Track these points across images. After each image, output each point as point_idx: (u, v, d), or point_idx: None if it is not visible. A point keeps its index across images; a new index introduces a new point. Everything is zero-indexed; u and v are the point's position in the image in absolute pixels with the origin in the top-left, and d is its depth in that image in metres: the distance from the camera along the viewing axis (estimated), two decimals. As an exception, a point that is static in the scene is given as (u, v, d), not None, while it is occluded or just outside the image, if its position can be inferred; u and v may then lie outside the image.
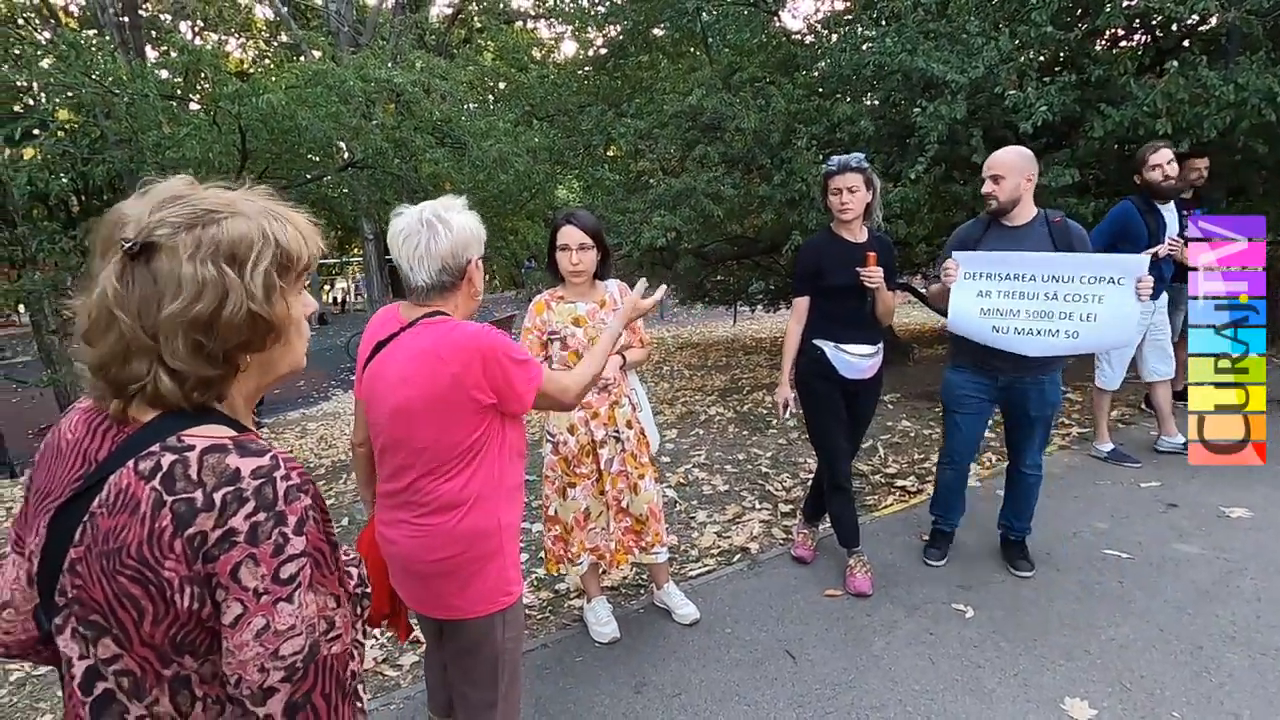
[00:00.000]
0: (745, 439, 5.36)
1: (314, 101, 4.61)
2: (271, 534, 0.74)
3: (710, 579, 3.17)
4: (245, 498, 0.74)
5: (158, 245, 0.75)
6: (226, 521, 0.73)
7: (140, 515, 0.73)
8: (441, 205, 1.55)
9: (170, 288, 0.75)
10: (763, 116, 5.38)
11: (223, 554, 0.73)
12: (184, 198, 0.78)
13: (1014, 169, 2.72)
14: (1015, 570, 3.00)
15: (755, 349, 10.66)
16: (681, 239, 6.32)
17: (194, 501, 0.73)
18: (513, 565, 1.59)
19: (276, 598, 0.74)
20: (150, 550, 0.73)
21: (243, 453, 0.76)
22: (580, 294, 2.54)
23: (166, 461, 0.75)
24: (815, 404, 2.95)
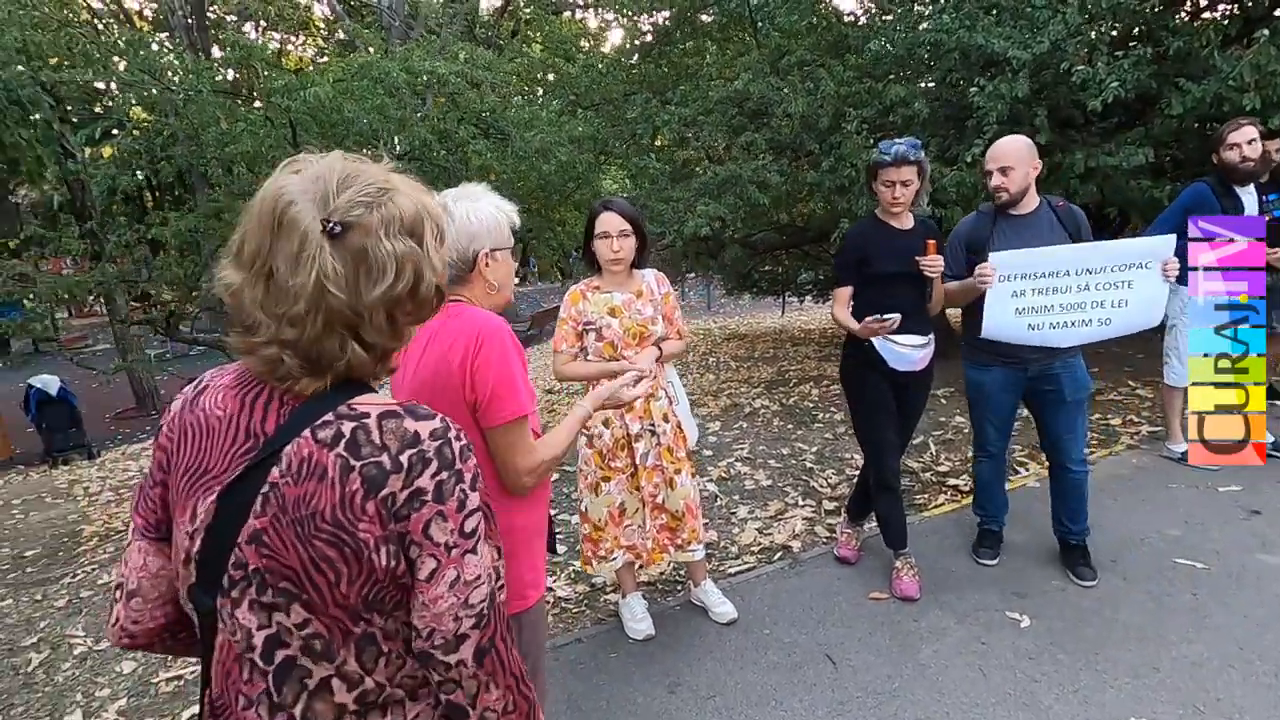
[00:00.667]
0: (790, 433, 5.23)
1: (360, 94, 4.69)
2: (454, 491, 0.80)
3: (750, 577, 3.09)
4: (428, 458, 0.79)
5: (354, 224, 0.77)
6: (414, 482, 0.78)
7: (329, 481, 0.77)
8: (455, 194, 1.51)
9: (375, 266, 0.78)
10: (811, 100, 5.20)
11: (414, 512, 0.78)
12: (359, 175, 0.80)
13: (1022, 158, 2.64)
14: (1077, 578, 2.83)
15: (804, 340, 10.42)
16: (727, 228, 6.19)
17: (382, 464, 0.77)
18: (529, 568, 1.53)
19: (464, 550, 0.80)
20: (344, 513, 0.76)
21: (415, 416, 0.81)
22: (617, 283, 2.48)
23: (348, 429, 0.78)
24: (862, 397, 2.83)
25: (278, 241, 0.77)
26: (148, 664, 2.91)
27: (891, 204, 2.66)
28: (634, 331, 2.44)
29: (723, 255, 7.08)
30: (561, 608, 3.01)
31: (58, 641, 3.23)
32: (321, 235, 0.76)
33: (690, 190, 5.80)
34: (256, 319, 0.79)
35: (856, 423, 2.92)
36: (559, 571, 3.30)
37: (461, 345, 1.38)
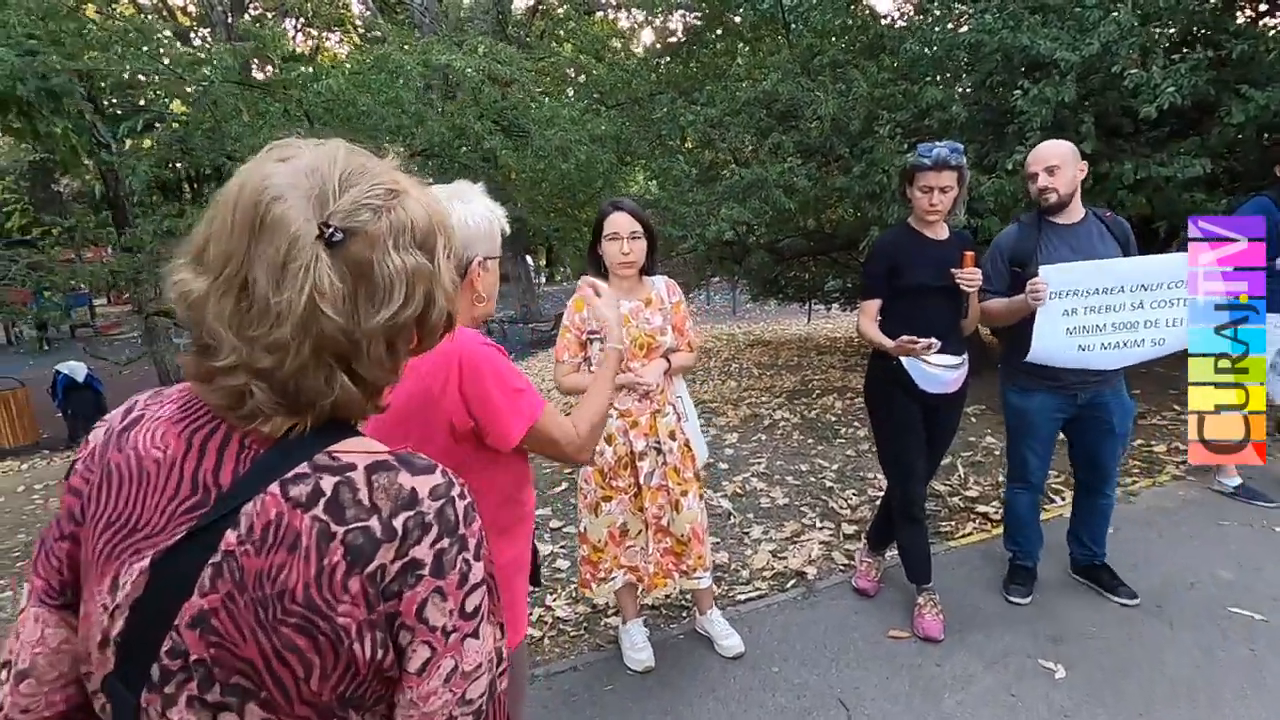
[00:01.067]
0: (810, 448, 5.02)
1: (376, 87, 4.60)
2: (456, 562, 0.66)
3: (760, 606, 2.90)
4: (428, 523, 0.65)
5: (358, 232, 0.63)
6: (408, 552, 0.64)
7: (302, 551, 0.62)
8: (448, 191, 1.35)
9: (381, 285, 0.64)
10: (842, 102, 4.99)
11: (407, 590, 0.64)
12: (365, 171, 0.66)
13: (1068, 159, 2.47)
14: (1117, 597, 2.71)
15: (829, 349, 10.16)
16: (752, 233, 6.00)
17: (371, 531, 0.63)
18: (508, 610, 1.38)
19: (465, 634, 0.66)
20: (320, 593, 0.62)
21: (412, 469, 0.67)
22: (625, 290, 2.32)
23: (329, 485, 0.64)
24: (888, 418, 2.63)
25: (258, 245, 0.62)
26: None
27: (928, 211, 2.46)
28: (641, 342, 2.28)
29: (747, 260, 6.88)
30: (559, 629, 2.86)
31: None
32: (317, 242, 0.61)
33: (714, 193, 5.62)
34: (221, 339, 0.63)
35: (881, 445, 2.73)
36: (559, 589, 3.15)
37: (441, 372, 1.24)
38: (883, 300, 2.58)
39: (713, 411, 6.51)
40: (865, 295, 2.65)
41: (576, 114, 6.34)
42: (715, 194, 5.62)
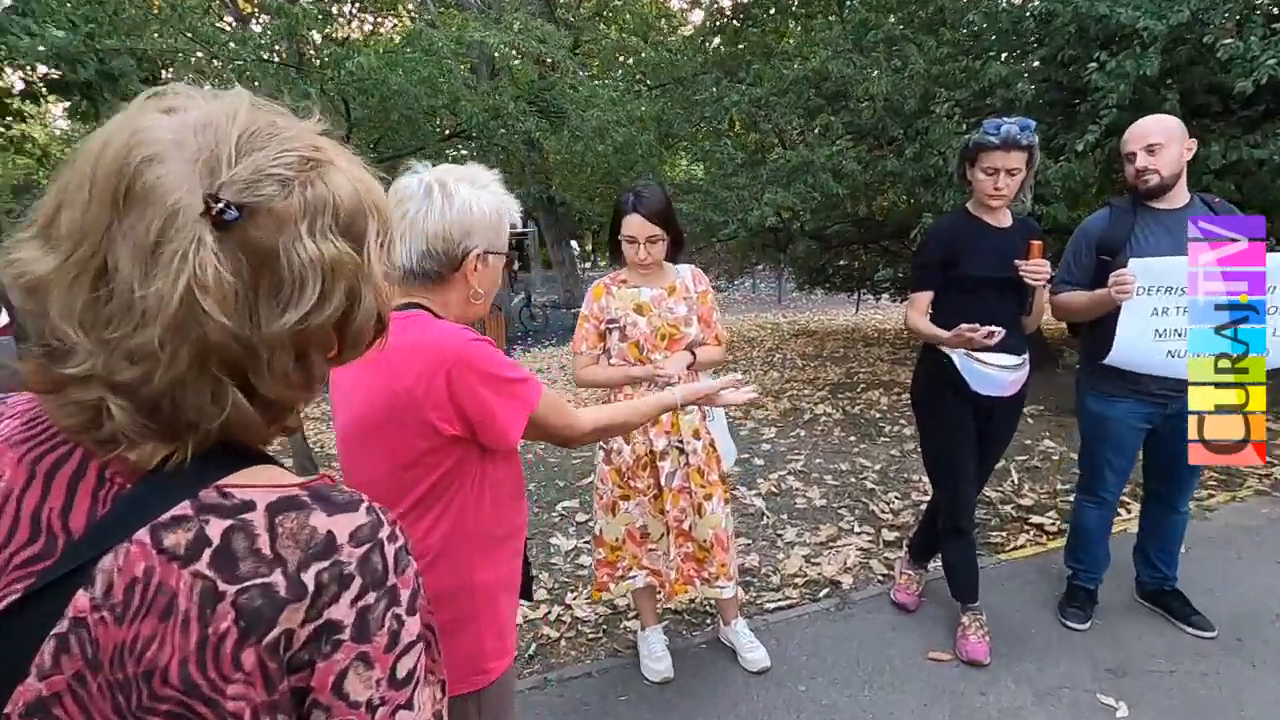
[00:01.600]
0: (852, 445, 4.78)
1: (409, 66, 4.51)
2: (385, 620, 0.54)
3: (789, 616, 2.73)
4: (348, 575, 0.52)
5: (259, 209, 0.49)
6: (322, 613, 0.51)
7: (179, 618, 0.49)
8: (460, 173, 1.20)
9: (288, 278, 0.51)
10: (897, 80, 4.69)
11: (320, 659, 0.51)
12: (275, 133, 0.52)
13: (1173, 135, 2.17)
14: (1190, 627, 2.45)
15: (877, 341, 9.79)
16: (797, 219, 5.75)
17: (272, 589, 0.50)
18: (493, 634, 1.25)
19: (396, 706, 0.54)
20: (203, 672, 0.49)
21: (328, 507, 0.54)
22: (646, 279, 2.16)
23: (216, 531, 0.50)
24: (938, 425, 2.42)
25: (123, 220, 0.48)
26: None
27: (991, 196, 2.22)
28: (663, 332, 2.12)
29: (792, 248, 6.62)
30: (578, 630, 2.74)
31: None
32: (203, 220, 0.48)
33: (758, 177, 5.38)
34: (69, 339, 0.49)
35: (927, 451, 2.51)
36: (580, 587, 3.04)
37: (427, 374, 1.10)
38: (935, 292, 2.36)
39: (752, 404, 6.30)
40: (916, 286, 2.42)
41: (616, 95, 6.16)
42: (759, 178, 5.38)
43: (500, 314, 12.83)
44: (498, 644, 1.25)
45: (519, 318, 13.60)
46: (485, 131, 5.46)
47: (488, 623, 1.23)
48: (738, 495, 3.93)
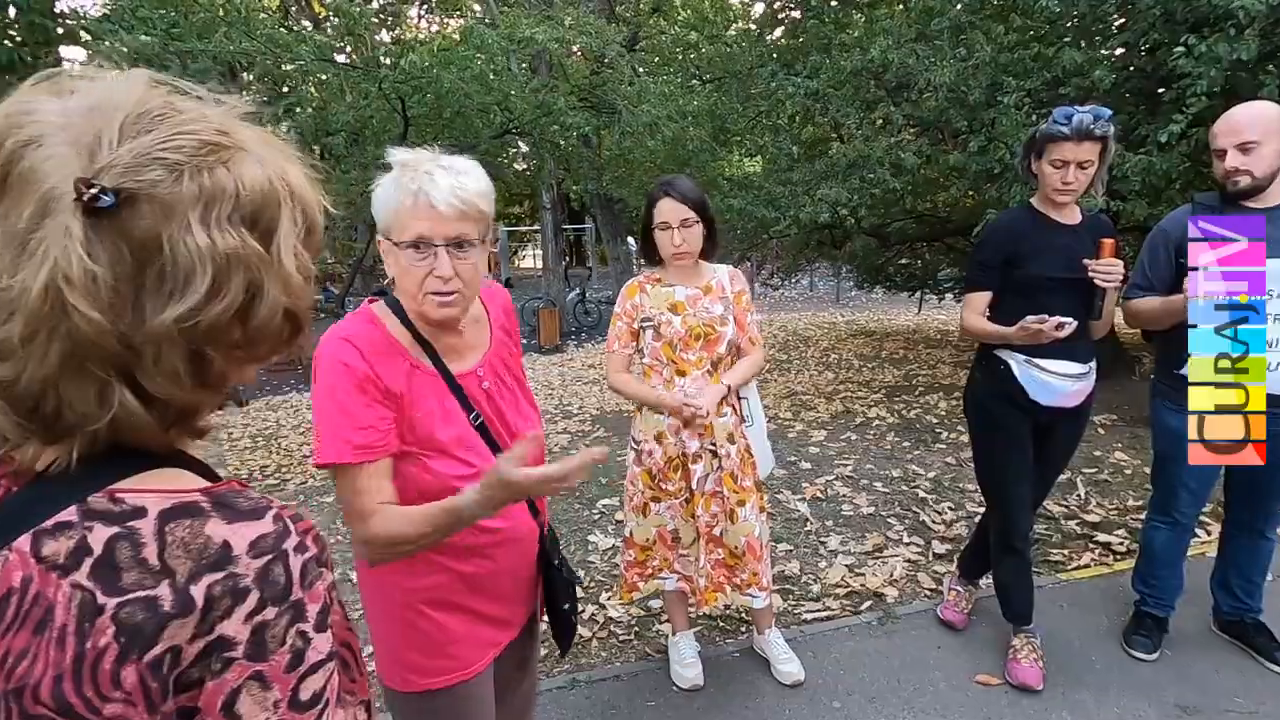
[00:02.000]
0: (905, 452, 4.60)
1: (461, 63, 4.56)
2: (286, 638, 0.50)
3: (828, 628, 2.63)
4: (243, 589, 0.49)
5: (139, 195, 0.46)
6: (213, 628, 0.48)
7: (54, 632, 0.46)
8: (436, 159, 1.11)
9: (172, 269, 0.47)
10: (961, 69, 4.46)
11: (210, 678, 0.48)
12: (170, 115, 0.49)
13: (1272, 129, 1.94)
14: (1276, 665, 2.24)
15: (939, 343, 9.42)
16: (854, 215, 5.55)
17: (156, 603, 0.46)
18: (411, 646, 1.21)
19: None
20: (78, 690, 0.46)
21: (228, 514, 0.50)
22: (682, 277, 2.10)
23: (98, 540, 0.47)
24: (993, 436, 2.27)
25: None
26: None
27: (1060, 190, 2.05)
28: (697, 332, 2.06)
29: (848, 246, 6.41)
30: (610, 631, 2.71)
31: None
32: (74, 207, 0.45)
33: (812, 173, 5.23)
34: None
35: (979, 463, 2.37)
36: (615, 588, 3.00)
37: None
38: (994, 294, 2.21)
39: (802, 405, 6.16)
40: (972, 286, 2.28)
41: (668, 89, 6.08)
42: (814, 173, 5.22)
43: (555, 309, 12.98)
44: (423, 660, 1.20)
45: (573, 313, 13.70)
46: (537, 127, 5.50)
47: (410, 633, 1.20)
48: (780, 499, 3.83)
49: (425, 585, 1.18)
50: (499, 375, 1.27)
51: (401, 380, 1.12)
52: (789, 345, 10.33)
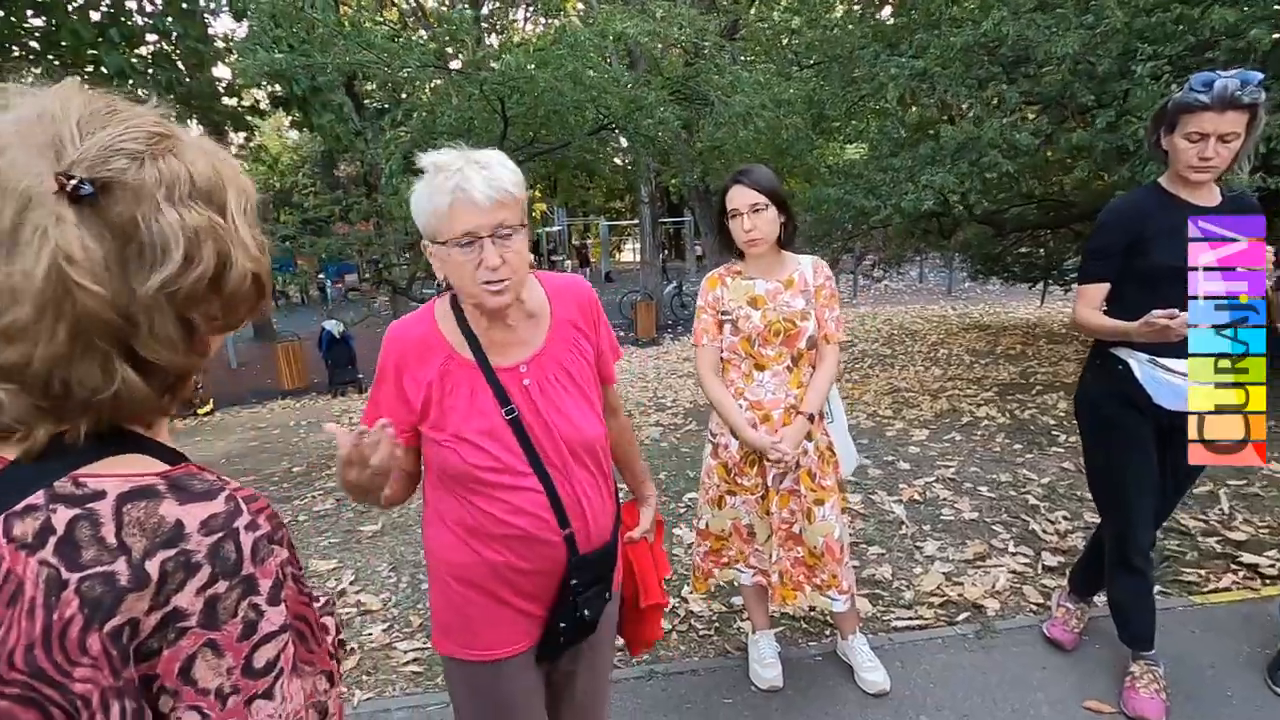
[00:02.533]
0: (1016, 455, 4.28)
1: (555, 62, 4.66)
2: (238, 610, 0.55)
3: (919, 638, 2.50)
4: (195, 564, 0.54)
5: (114, 183, 0.52)
6: (168, 600, 0.53)
7: (25, 605, 0.51)
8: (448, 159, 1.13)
9: (151, 243, 0.54)
10: (1088, 38, 4.06)
11: (166, 647, 0.53)
12: (117, 113, 0.56)
13: None
14: None
15: (1063, 338, 8.67)
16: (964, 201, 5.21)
17: (114, 578, 0.52)
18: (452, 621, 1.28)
19: (251, 695, 0.56)
20: (49, 656, 0.51)
21: (182, 496, 0.55)
22: (762, 269, 2.05)
23: (61, 520, 0.53)
24: (1108, 440, 2.07)
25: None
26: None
27: (1198, 167, 1.82)
28: (777, 328, 2.00)
29: (958, 235, 6.02)
30: (690, 626, 2.71)
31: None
32: (60, 197, 0.50)
33: (916, 158, 4.94)
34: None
35: (1093, 474, 2.16)
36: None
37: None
38: (1112, 284, 2.01)
39: (904, 402, 5.87)
40: (1087, 277, 2.07)
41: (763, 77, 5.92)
42: (918, 158, 4.94)
43: (652, 302, 13.06)
44: (453, 629, 1.28)
45: (670, 306, 13.74)
46: (630, 122, 5.53)
47: (447, 603, 1.29)
48: (875, 500, 3.67)
49: (459, 562, 1.25)
50: (550, 374, 1.26)
51: (433, 371, 1.22)
52: (894, 340, 9.87)
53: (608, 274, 23.82)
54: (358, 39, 4.78)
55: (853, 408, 5.77)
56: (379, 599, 3.09)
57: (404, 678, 2.50)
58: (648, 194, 13.31)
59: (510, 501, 1.20)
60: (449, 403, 1.21)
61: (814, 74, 6.76)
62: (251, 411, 9.65)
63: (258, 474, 5.68)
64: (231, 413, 9.64)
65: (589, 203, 28.63)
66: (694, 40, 5.73)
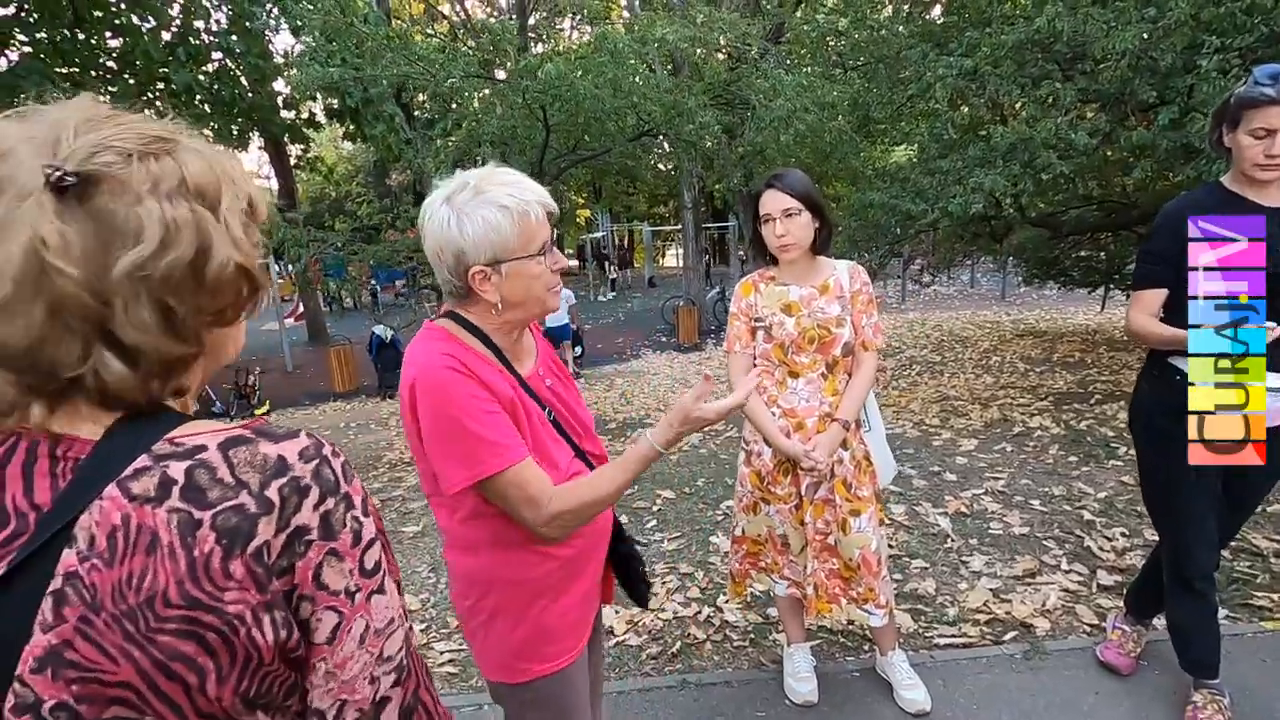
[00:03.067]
0: (1071, 467, 4.10)
1: (595, 69, 4.69)
2: (346, 521, 0.63)
3: (963, 657, 2.40)
4: (305, 485, 0.61)
5: (100, 178, 0.56)
6: (290, 521, 0.60)
7: (166, 549, 0.55)
8: (462, 182, 1.14)
9: (127, 232, 0.56)
10: (1150, 31, 3.87)
11: (298, 560, 0.60)
12: (120, 120, 0.60)
13: None
14: None
15: (1125, 346, 8.28)
16: (1017, 203, 5.03)
17: (244, 508, 0.58)
18: (526, 638, 1.23)
19: (370, 591, 0.64)
20: (199, 587, 0.56)
21: (273, 437, 0.62)
22: (796, 275, 2.02)
23: (179, 471, 0.57)
24: (1165, 454, 1.95)
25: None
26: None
27: (1264, 165, 1.72)
28: (811, 335, 1.96)
29: (1010, 239, 5.81)
30: (725, 635, 2.67)
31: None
32: (44, 190, 0.54)
33: (965, 159, 4.79)
34: None
35: (1149, 490, 2.05)
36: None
37: (406, 392, 1.14)
38: (1171, 290, 1.91)
39: (953, 411, 5.70)
40: (1141, 281, 1.97)
41: (806, 80, 5.84)
42: (967, 160, 4.79)
43: (694, 307, 13.01)
44: (535, 648, 1.24)
45: (712, 311, 13.66)
46: (671, 128, 5.52)
47: (524, 626, 1.23)
48: (919, 512, 3.57)
49: (537, 576, 1.23)
50: (555, 372, 1.34)
51: (506, 387, 1.17)
52: (943, 346, 9.60)
53: (650, 279, 23.87)
54: (404, 51, 4.90)
55: (898, 416, 5.63)
56: (418, 599, 3.15)
57: (440, 678, 2.53)
58: (691, 199, 13.28)
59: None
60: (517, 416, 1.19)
61: (859, 76, 6.63)
62: (305, 413, 9.98)
63: (308, 474, 5.86)
64: (286, 414, 9.98)
65: (632, 208, 28.78)
66: (737, 45, 5.69)
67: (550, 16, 17.72)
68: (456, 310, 1.22)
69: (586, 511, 1.16)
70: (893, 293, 15.81)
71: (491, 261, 1.13)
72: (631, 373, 11.15)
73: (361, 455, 6.37)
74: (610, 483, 1.17)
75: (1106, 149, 4.39)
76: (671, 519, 3.79)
